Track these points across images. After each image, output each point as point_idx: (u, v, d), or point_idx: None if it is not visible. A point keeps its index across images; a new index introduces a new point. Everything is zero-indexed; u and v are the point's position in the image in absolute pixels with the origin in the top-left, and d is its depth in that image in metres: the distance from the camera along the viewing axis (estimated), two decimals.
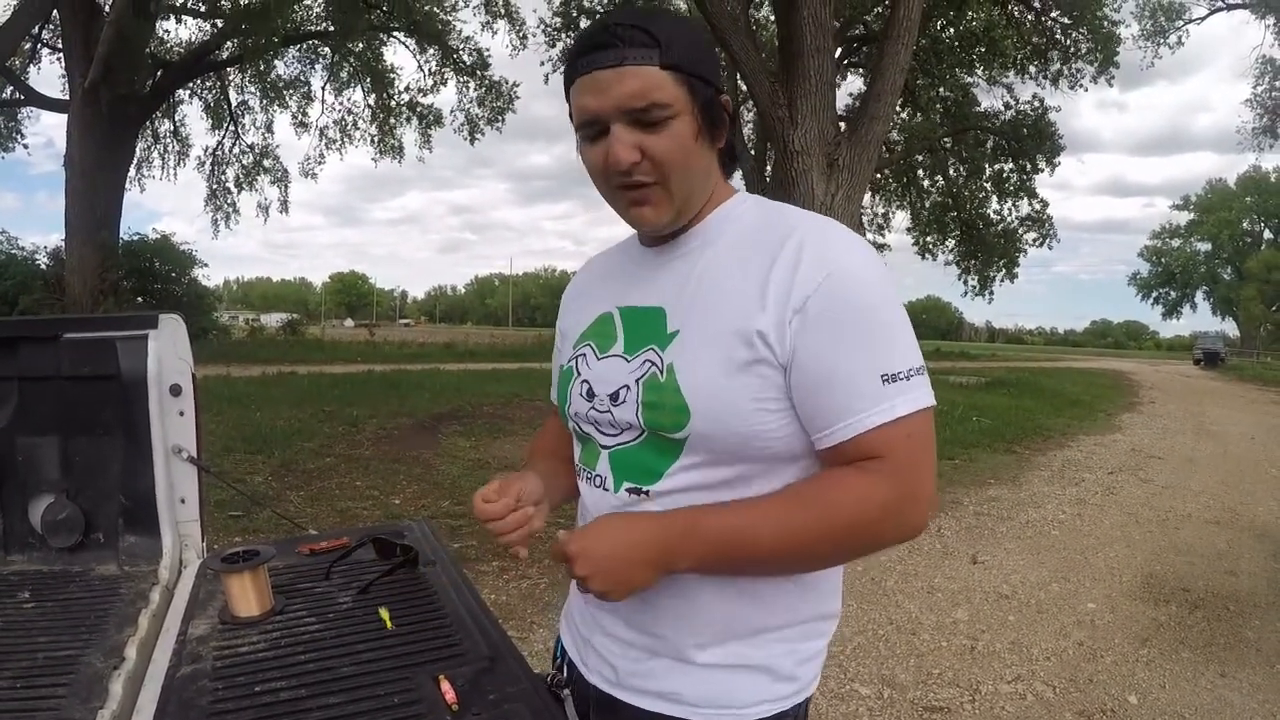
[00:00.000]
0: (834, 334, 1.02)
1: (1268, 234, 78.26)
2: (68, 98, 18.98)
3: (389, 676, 1.17)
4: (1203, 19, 26.67)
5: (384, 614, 1.36)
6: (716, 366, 1.05)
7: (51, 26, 20.07)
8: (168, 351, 1.86)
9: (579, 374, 1.23)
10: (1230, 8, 26.97)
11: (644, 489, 1.13)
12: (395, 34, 22.73)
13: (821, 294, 1.02)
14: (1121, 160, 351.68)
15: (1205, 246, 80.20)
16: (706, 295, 1.11)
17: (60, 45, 19.79)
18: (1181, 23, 24.73)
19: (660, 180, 1.08)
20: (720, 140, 1.16)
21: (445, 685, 1.12)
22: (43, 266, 20.64)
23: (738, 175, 1.33)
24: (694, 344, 1.08)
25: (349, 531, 1.92)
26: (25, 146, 23.57)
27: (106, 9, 18.17)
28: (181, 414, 1.89)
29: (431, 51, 23.02)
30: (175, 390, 1.87)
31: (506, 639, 1.31)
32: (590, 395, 1.19)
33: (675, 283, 1.15)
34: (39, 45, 20.82)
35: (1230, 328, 77.66)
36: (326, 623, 1.37)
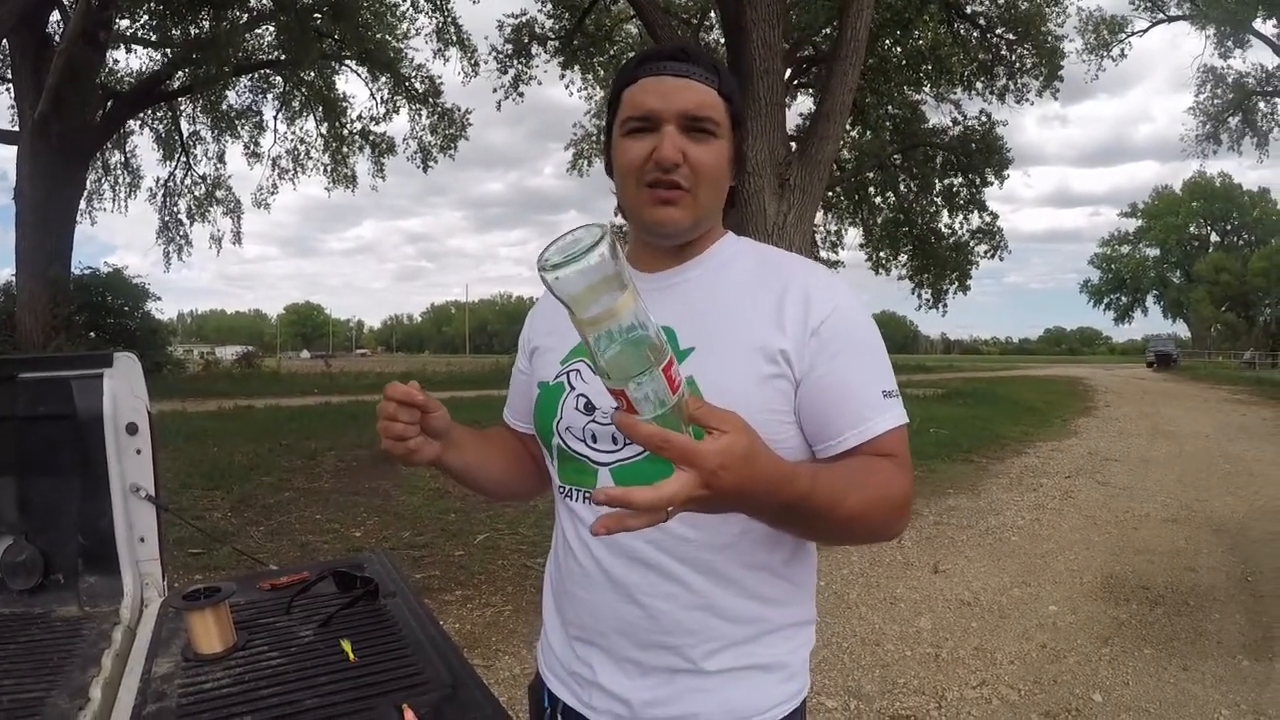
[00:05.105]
0: (844, 354, 1.16)
1: (1215, 237, 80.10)
2: (17, 129, 18.74)
3: (352, 708, 1.18)
4: (1144, 31, 27.36)
5: (346, 646, 1.37)
6: (740, 378, 1.14)
7: (0, 57, 19.79)
8: (123, 390, 1.85)
9: (572, 388, 1.26)
10: (1171, 19, 27.65)
11: None
12: (347, 63, 22.68)
13: (832, 321, 1.16)
14: (1066, 172, 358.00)
15: (1154, 252, 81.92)
16: (723, 318, 1.20)
17: (9, 76, 19.49)
18: (1124, 36, 25.34)
19: (692, 188, 1.18)
20: (735, 179, 1.28)
21: (409, 715, 1.14)
22: None
23: None
24: (715, 359, 1.16)
25: (309, 565, 1.92)
26: None
27: (56, 39, 17.96)
28: (139, 452, 1.88)
29: (384, 80, 22.99)
30: (132, 429, 1.86)
31: (468, 666, 1.32)
32: (590, 409, 1.22)
33: (682, 306, 1.22)
34: None
35: (1182, 329, 79.41)
36: (289, 657, 1.37)
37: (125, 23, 19.85)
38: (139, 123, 23.82)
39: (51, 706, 1.26)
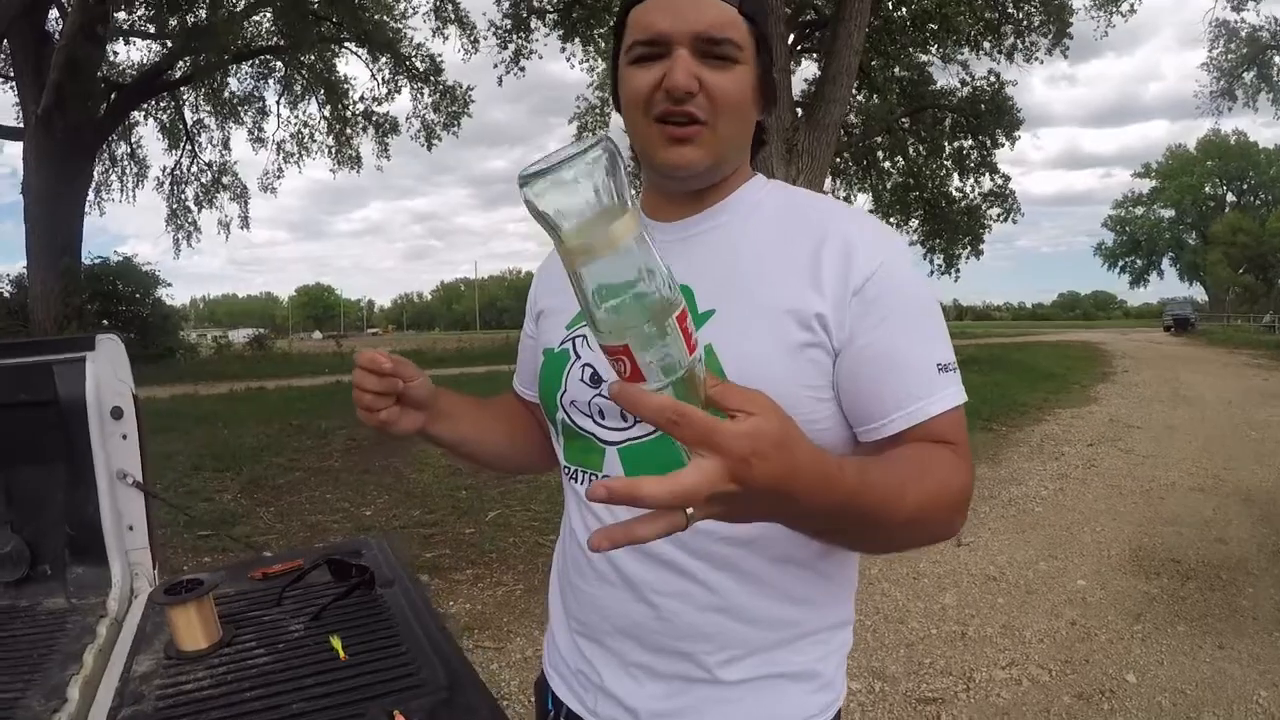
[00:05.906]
0: (893, 318, 0.97)
1: (1231, 197, 79.24)
2: (23, 126, 18.76)
3: (341, 713, 1.08)
4: None
5: (336, 643, 1.27)
6: (768, 348, 0.98)
7: (1, 55, 19.80)
8: (106, 373, 1.78)
9: (578, 356, 1.12)
10: None
11: None
12: (346, 44, 22.63)
13: (878, 278, 0.97)
14: (1075, 133, 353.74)
15: (1169, 213, 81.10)
16: (748, 275, 1.02)
17: (11, 74, 19.51)
18: None
19: (710, 120, 1.00)
20: (765, 113, 1.11)
21: None
22: (5, 295, 20.50)
23: None
24: (739, 324, 0.99)
25: (304, 552, 1.83)
26: None
27: (56, 35, 17.95)
28: (124, 437, 1.80)
29: (384, 60, 22.95)
30: (116, 413, 1.79)
31: (467, 665, 1.22)
32: (596, 380, 1.08)
33: (702, 261, 1.06)
34: None
35: (1198, 292, 78.61)
36: (276, 654, 1.28)
37: (123, 15, 19.79)
38: (143, 113, 23.90)
39: (25, 709, 1.18)
